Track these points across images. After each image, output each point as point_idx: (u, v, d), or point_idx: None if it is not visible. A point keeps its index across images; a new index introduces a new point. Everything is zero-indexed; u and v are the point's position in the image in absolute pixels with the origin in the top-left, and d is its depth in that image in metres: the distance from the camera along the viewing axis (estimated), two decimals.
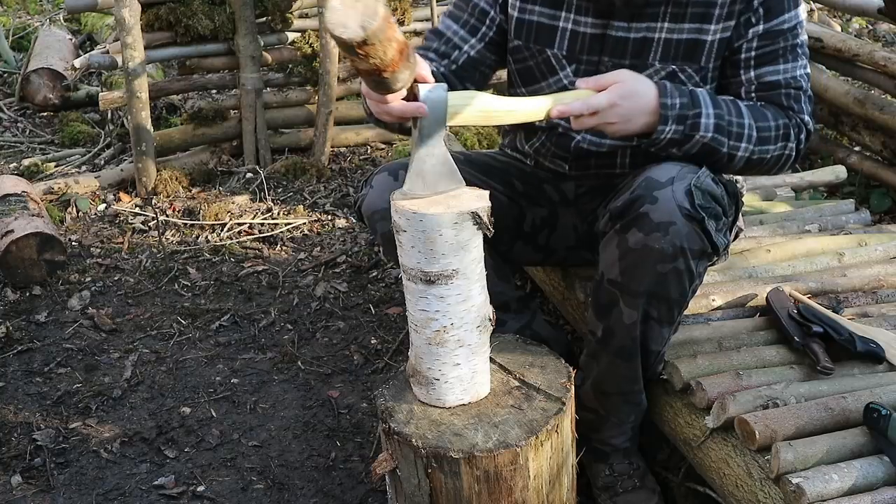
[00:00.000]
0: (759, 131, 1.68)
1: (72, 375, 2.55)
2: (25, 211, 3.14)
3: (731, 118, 1.65)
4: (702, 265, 1.66)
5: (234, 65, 3.88)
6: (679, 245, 1.57)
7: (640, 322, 1.68)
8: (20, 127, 4.67)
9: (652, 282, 1.62)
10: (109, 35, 5.27)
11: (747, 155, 1.68)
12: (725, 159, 1.68)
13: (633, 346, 1.71)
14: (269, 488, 2.09)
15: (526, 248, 2.05)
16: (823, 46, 3.58)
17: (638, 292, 1.64)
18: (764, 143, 1.69)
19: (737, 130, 1.66)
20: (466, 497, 1.49)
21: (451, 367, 1.53)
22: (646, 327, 1.69)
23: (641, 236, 1.59)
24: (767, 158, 1.71)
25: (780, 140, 1.70)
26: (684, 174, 1.61)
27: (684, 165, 1.65)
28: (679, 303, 1.68)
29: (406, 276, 1.50)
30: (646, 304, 1.65)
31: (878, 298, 2.04)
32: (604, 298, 1.70)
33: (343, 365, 2.56)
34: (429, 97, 1.45)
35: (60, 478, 2.15)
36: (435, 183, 1.48)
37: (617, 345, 1.72)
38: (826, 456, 1.49)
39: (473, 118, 1.52)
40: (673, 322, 1.72)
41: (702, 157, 1.66)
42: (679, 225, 1.56)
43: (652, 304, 1.65)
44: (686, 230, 1.57)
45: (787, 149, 1.71)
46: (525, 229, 2.02)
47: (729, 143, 1.65)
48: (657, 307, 1.66)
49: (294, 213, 3.54)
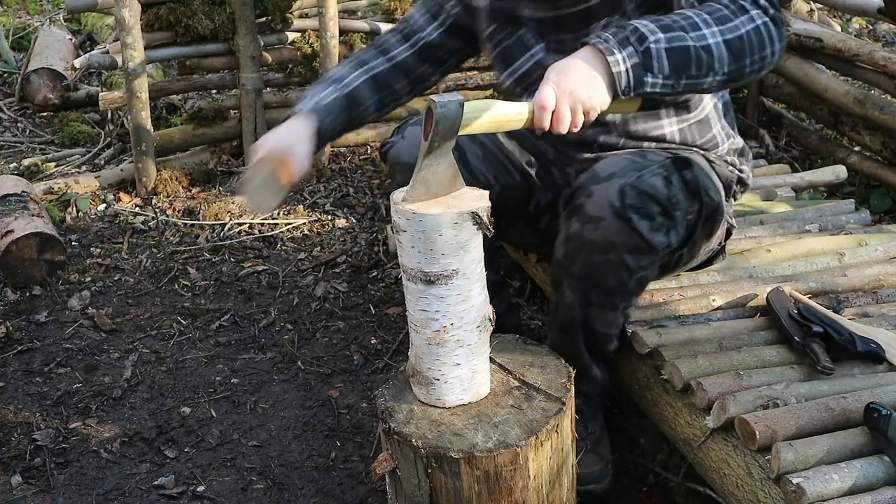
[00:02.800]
0: (711, 14, 1.57)
1: (72, 375, 2.55)
2: (25, 211, 3.14)
3: (672, 19, 1.56)
4: (642, 260, 1.70)
5: (234, 65, 3.87)
6: (609, 239, 1.66)
7: (579, 304, 1.78)
8: (20, 127, 4.67)
9: (586, 269, 1.72)
10: (109, 35, 5.27)
11: (720, 39, 1.55)
12: (706, 56, 1.55)
13: (573, 323, 1.81)
14: (269, 488, 2.09)
15: (525, 230, 2.11)
16: (823, 46, 3.58)
17: (575, 276, 1.75)
18: (724, 21, 1.56)
19: (686, 23, 1.55)
20: (466, 497, 1.49)
21: (450, 367, 1.53)
22: (587, 310, 1.79)
23: (578, 226, 1.69)
24: (744, 35, 1.56)
25: (738, 14, 1.57)
26: (627, 171, 1.67)
27: (636, 161, 1.71)
28: (619, 291, 1.75)
29: (406, 276, 1.50)
30: (583, 288, 1.76)
31: (879, 298, 2.04)
32: (554, 275, 1.83)
33: (343, 365, 2.56)
34: (442, 111, 1.42)
35: (60, 478, 2.15)
36: (437, 190, 1.48)
37: (561, 319, 1.84)
38: (826, 456, 1.49)
39: (486, 127, 1.51)
40: (616, 308, 1.80)
41: (685, 69, 1.55)
42: (608, 220, 1.64)
43: (589, 289, 1.76)
44: (615, 226, 1.64)
45: (757, 19, 1.58)
46: (529, 210, 2.06)
47: (690, 36, 1.54)
48: (595, 293, 1.76)
49: (294, 213, 3.54)
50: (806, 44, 3.69)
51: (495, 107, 1.50)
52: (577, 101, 1.51)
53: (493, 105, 1.50)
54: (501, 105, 1.52)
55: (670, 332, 1.88)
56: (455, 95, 1.45)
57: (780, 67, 3.90)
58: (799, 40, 3.73)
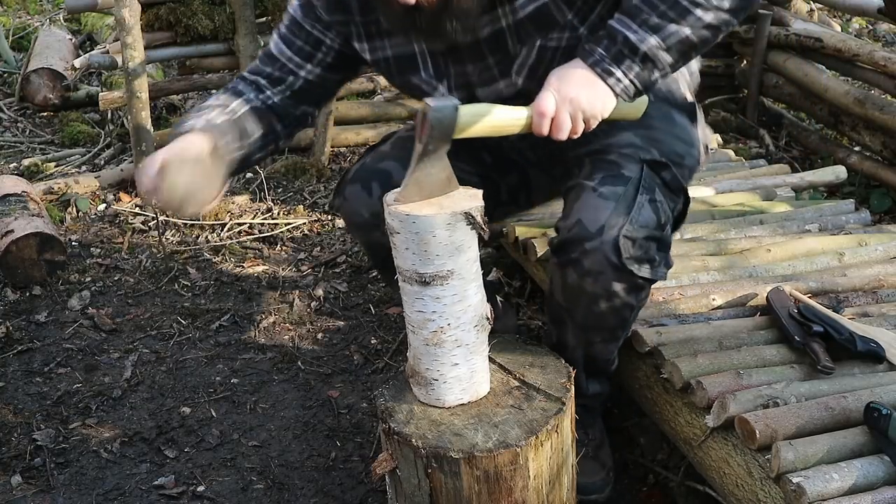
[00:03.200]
0: None
1: (72, 375, 2.55)
2: (25, 211, 3.14)
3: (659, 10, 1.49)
4: (643, 293, 1.69)
5: (234, 65, 3.88)
6: (611, 289, 1.63)
7: (582, 346, 1.79)
8: (20, 127, 4.67)
9: (589, 316, 1.70)
10: (109, 35, 5.27)
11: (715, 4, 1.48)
12: (709, 32, 1.51)
13: (573, 360, 1.78)
14: (269, 488, 2.09)
15: (508, 209, 2.12)
16: (823, 46, 3.58)
17: (578, 323, 1.74)
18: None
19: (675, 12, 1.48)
20: (466, 497, 1.49)
21: (449, 368, 1.53)
22: (590, 349, 1.80)
23: (576, 277, 1.64)
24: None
25: None
26: (615, 215, 1.57)
27: (616, 192, 1.59)
28: (621, 326, 1.76)
29: (401, 277, 1.50)
30: (587, 333, 1.76)
31: (879, 298, 2.04)
32: (554, 313, 1.80)
33: (343, 365, 2.56)
34: (436, 115, 1.41)
35: (60, 478, 2.15)
36: (430, 191, 1.47)
37: (564, 356, 1.78)
38: (826, 455, 1.49)
39: (482, 132, 1.49)
40: (619, 339, 1.81)
41: (692, 51, 1.53)
42: (608, 274, 1.60)
43: (593, 334, 1.76)
44: (616, 277, 1.60)
45: None
46: (503, 198, 2.03)
47: (685, 22, 1.48)
48: (598, 334, 1.76)
49: (294, 213, 3.54)
50: (806, 44, 3.69)
51: (492, 112, 1.49)
52: (577, 109, 1.51)
53: (489, 110, 1.49)
54: (498, 110, 1.50)
55: (670, 331, 1.88)
56: (450, 99, 1.44)
57: (781, 67, 3.90)
58: (799, 40, 3.73)
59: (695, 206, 2.55)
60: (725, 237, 2.32)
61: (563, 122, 1.50)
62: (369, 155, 1.93)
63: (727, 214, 2.49)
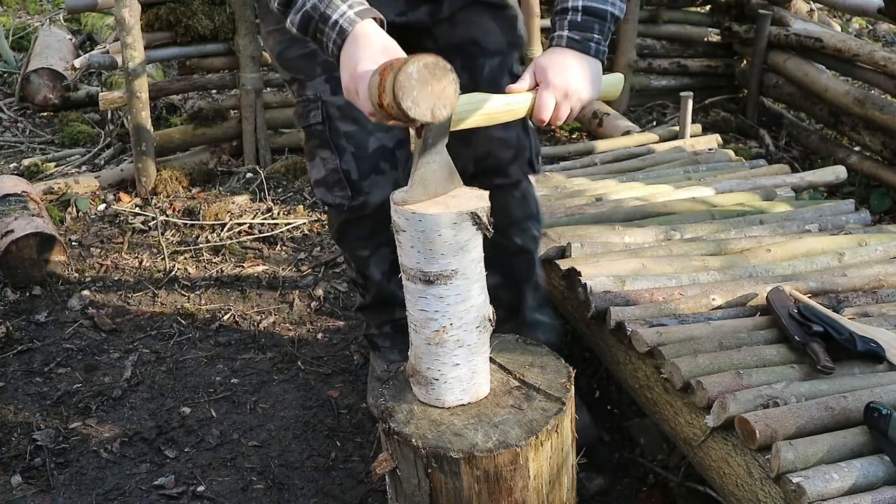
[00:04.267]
0: None
1: (72, 375, 2.55)
2: (25, 211, 3.14)
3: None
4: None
5: (234, 65, 3.87)
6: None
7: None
8: (20, 127, 4.67)
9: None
10: (109, 35, 5.27)
11: None
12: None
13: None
14: (269, 488, 2.09)
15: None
16: (823, 46, 3.59)
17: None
18: None
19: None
20: (466, 497, 1.49)
21: (450, 368, 1.53)
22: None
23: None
24: None
25: None
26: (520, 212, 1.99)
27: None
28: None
29: (405, 276, 1.50)
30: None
31: (879, 298, 2.04)
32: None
33: (343, 365, 2.56)
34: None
35: (60, 478, 2.15)
36: (435, 188, 1.48)
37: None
38: (826, 455, 1.49)
39: (477, 122, 1.52)
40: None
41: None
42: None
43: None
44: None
45: None
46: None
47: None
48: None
49: (294, 213, 3.54)
50: (806, 44, 3.69)
51: (489, 101, 1.51)
52: (577, 101, 1.58)
53: (486, 99, 1.51)
54: (495, 99, 1.53)
55: (670, 330, 1.88)
56: None
57: (781, 67, 3.90)
58: (799, 40, 3.74)
59: (695, 206, 2.56)
60: (725, 237, 2.32)
61: (564, 114, 1.58)
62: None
63: (727, 214, 2.49)
